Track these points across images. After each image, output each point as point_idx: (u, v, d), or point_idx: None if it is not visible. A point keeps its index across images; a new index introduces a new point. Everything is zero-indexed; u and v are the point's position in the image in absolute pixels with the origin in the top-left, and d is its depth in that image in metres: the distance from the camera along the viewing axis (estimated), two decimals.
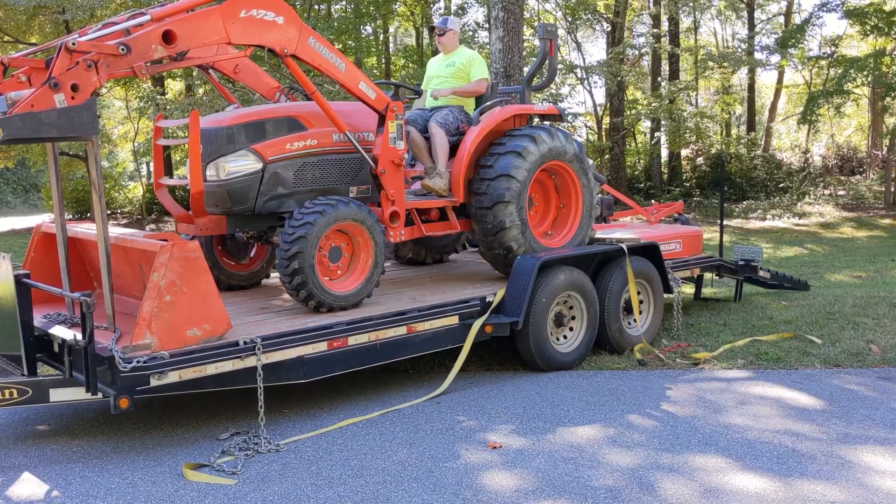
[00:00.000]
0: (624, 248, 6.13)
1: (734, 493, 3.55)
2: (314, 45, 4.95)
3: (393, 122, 5.40)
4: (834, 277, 10.14)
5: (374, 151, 5.43)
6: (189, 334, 4.15)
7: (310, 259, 4.87)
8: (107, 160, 32.44)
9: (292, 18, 4.81)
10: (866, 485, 3.61)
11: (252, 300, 5.58)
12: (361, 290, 5.21)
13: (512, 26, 9.79)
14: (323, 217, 4.91)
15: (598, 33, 27.47)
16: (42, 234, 5.14)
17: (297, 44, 4.86)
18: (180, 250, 4.10)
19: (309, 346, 4.52)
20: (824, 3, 21.78)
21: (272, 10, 4.69)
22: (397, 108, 5.41)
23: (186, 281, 4.12)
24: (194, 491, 3.65)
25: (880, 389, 5.08)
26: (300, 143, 5.23)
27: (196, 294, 4.17)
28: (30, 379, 4.07)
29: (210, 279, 4.27)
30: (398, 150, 5.45)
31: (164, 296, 4.04)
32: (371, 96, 5.29)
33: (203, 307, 4.21)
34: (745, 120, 29.89)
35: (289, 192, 5.21)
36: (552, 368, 5.60)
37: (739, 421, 4.51)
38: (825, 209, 20.33)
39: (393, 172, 5.44)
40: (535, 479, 3.73)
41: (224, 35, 4.52)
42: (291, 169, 5.20)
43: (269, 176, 5.12)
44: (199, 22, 4.40)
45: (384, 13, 23.04)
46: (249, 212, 5.22)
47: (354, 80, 5.19)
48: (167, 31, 4.27)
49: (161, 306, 4.03)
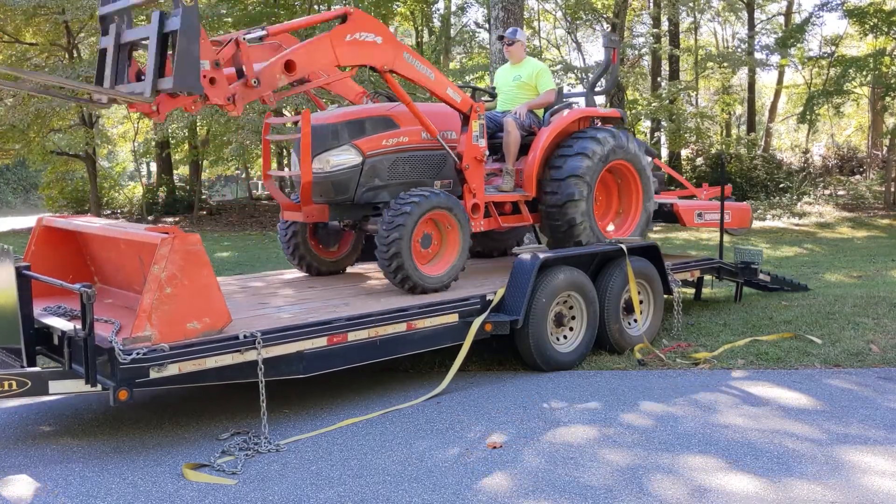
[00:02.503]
0: (624, 248, 6.14)
1: (733, 493, 3.55)
2: (408, 59, 5.53)
3: (476, 122, 5.95)
4: (834, 277, 10.14)
5: (458, 148, 6.01)
6: (189, 327, 4.14)
7: (406, 244, 5.35)
8: (107, 160, 32.44)
9: (389, 38, 5.40)
10: (866, 485, 3.60)
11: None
12: (450, 273, 5.69)
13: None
14: (418, 206, 5.39)
15: (599, 33, 27.47)
16: (43, 228, 5.18)
17: (395, 60, 5.42)
18: (181, 243, 4.09)
19: (308, 341, 4.52)
20: (824, 3, 21.78)
21: (372, 32, 5.27)
22: (480, 108, 5.97)
23: (187, 274, 4.11)
24: (194, 491, 3.65)
25: (880, 389, 5.08)
26: (394, 140, 5.78)
27: (197, 287, 4.16)
28: (29, 371, 4.06)
29: (211, 272, 4.27)
30: (480, 147, 6.00)
31: (165, 288, 4.02)
32: (457, 100, 5.86)
33: (204, 300, 4.20)
34: (745, 120, 29.92)
35: (383, 184, 5.74)
36: (552, 368, 5.60)
37: (739, 421, 4.51)
38: (825, 209, 20.34)
39: (475, 168, 6.00)
40: (534, 479, 3.73)
41: (334, 58, 5.11)
42: (386, 163, 5.73)
43: (368, 169, 5.65)
44: (312, 49, 5.00)
45: (384, 13, 23.03)
46: (349, 201, 5.76)
47: (442, 86, 5.75)
48: (288, 61, 4.86)
49: (161, 298, 4.02)
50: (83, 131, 21.50)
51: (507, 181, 6.36)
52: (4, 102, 19.67)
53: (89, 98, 4.73)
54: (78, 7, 18.45)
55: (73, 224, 5.04)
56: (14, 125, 19.34)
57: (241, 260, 13.55)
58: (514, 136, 6.36)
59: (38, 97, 19.49)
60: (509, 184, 6.35)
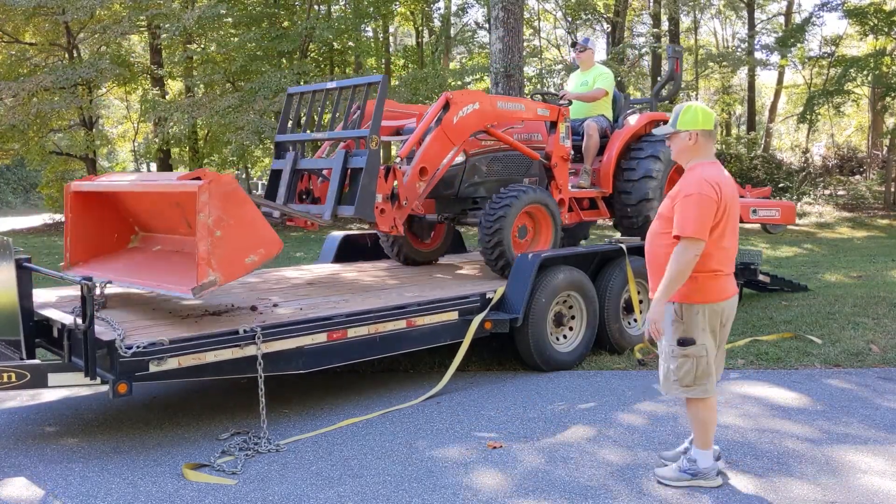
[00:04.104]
0: (623, 247, 6.14)
1: (733, 493, 3.55)
2: (502, 105, 6.19)
3: (563, 125, 6.63)
4: (833, 277, 10.14)
5: (546, 149, 6.63)
6: (248, 262, 4.27)
7: (507, 234, 5.90)
8: (107, 160, 32.43)
9: (483, 98, 6.03)
10: (865, 486, 3.60)
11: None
12: None
13: (512, 26, 9.80)
14: (518, 200, 5.97)
15: (598, 33, 27.47)
16: (73, 194, 5.24)
17: (494, 114, 6.11)
18: (217, 186, 4.17)
19: (308, 337, 4.51)
20: (824, 3, 21.79)
21: (468, 103, 5.88)
22: (566, 113, 6.63)
23: (231, 213, 4.21)
24: (194, 491, 3.65)
25: (880, 390, 5.07)
26: (490, 142, 6.40)
27: (244, 223, 4.27)
28: (28, 363, 4.05)
29: (253, 206, 4.38)
30: (566, 147, 6.66)
31: (215, 232, 4.12)
32: (547, 114, 6.56)
33: (253, 234, 4.31)
34: (745, 120, 29.92)
35: (481, 181, 6.41)
36: (552, 368, 5.60)
37: (739, 421, 4.50)
38: (825, 209, 20.33)
39: (562, 166, 6.66)
40: (534, 480, 3.72)
41: (450, 143, 5.83)
42: (484, 162, 6.40)
43: (470, 167, 6.33)
44: (434, 146, 5.70)
45: (384, 13, 23.02)
46: (453, 196, 6.43)
47: (532, 110, 6.45)
48: (421, 169, 5.65)
49: (214, 242, 4.11)
50: (83, 132, 21.49)
51: (585, 179, 6.95)
52: (4, 102, 19.65)
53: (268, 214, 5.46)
54: (78, 7, 18.43)
55: (102, 184, 5.12)
56: (14, 125, 19.32)
57: None
58: (595, 139, 6.99)
59: (39, 97, 19.50)
60: (587, 181, 6.96)
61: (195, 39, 21.79)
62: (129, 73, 21.99)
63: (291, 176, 5.69)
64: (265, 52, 20.51)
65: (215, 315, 4.66)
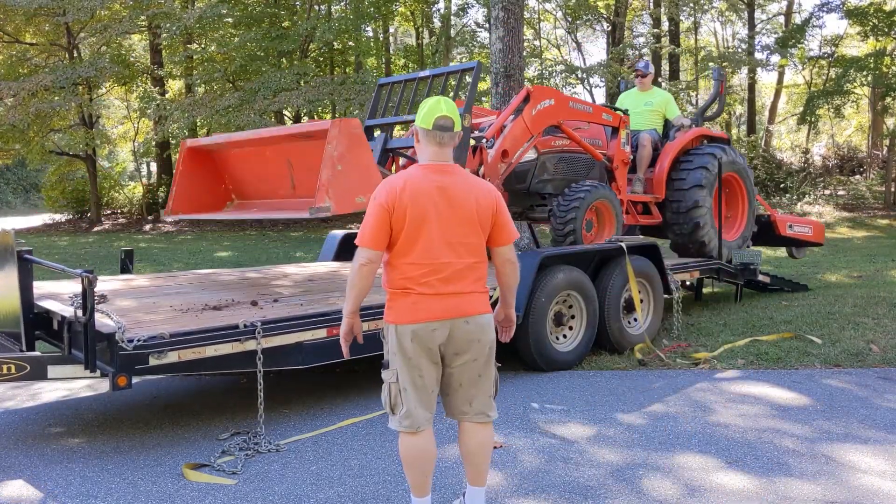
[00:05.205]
0: (623, 246, 6.14)
1: (732, 493, 3.55)
2: (573, 105, 6.74)
3: (624, 131, 7.16)
4: (834, 277, 10.14)
5: (608, 153, 7.17)
6: (357, 201, 4.57)
7: (578, 227, 6.33)
8: (107, 160, 32.43)
9: (558, 95, 6.65)
10: (865, 486, 3.60)
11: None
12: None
13: (512, 26, 9.78)
14: (590, 194, 6.43)
15: (599, 33, 27.49)
16: (189, 149, 5.89)
17: (566, 111, 6.64)
18: (347, 125, 4.60)
19: (308, 333, 4.51)
20: (824, 3, 21.79)
21: (546, 98, 6.44)
22: (627, 120, 7.18)
23: (353, 153, 4.58)
24: (194, 491, 3.65)
25: (880, 389, 5.07)
26: (559, 143, 6.89)
27: (361, 165, 4.63)
28: (28, 355, 4.04)
29: (370, 153, 4.81)
30: (626, 151, 7.21)
31: (336, 165, 4.47)
32: (610, 119, 7.07)
33: (367, 177, 4.64)
34: (745, 120, 29.90)
35: (549, 178, 6.82)
36: (552, 368, 5.60)
37: (738, 421, 4.50)
38: (825, 209, 20.34)
39: (622, 169, 7.18)
40: (534, 479, 3.73)
41: (528, 131, 6.33)
42: (553, 161, 6.83)
43: (540, 164, 6.75)
44: (514, 133, 6.23)
45: (384, 13, 23.03)
46: (525, 191, 6.81)
47: (599, 113, 7.00)
48: (503, 151, 6.13)
49: (335, 174, 4.47)
50: (83, 131, 21.48)
51: (638, 186, 7.47)
52: (4, 102, 19.66)
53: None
54: (79, 8, 18.44)
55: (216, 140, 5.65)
56: (14, 125, 19.33)
57: (241, 260, 13.57)
58: (648, 150, 7.58)
59: (39, 97, 19.51)
60: (640, 189, 7.49)
61: (195, 39, 21.80)
62: (130, 72, 22.00)
63: (382, 156, 6.03)
64: (265, 52, 20.52)
65: (216, 309, 4.66)
